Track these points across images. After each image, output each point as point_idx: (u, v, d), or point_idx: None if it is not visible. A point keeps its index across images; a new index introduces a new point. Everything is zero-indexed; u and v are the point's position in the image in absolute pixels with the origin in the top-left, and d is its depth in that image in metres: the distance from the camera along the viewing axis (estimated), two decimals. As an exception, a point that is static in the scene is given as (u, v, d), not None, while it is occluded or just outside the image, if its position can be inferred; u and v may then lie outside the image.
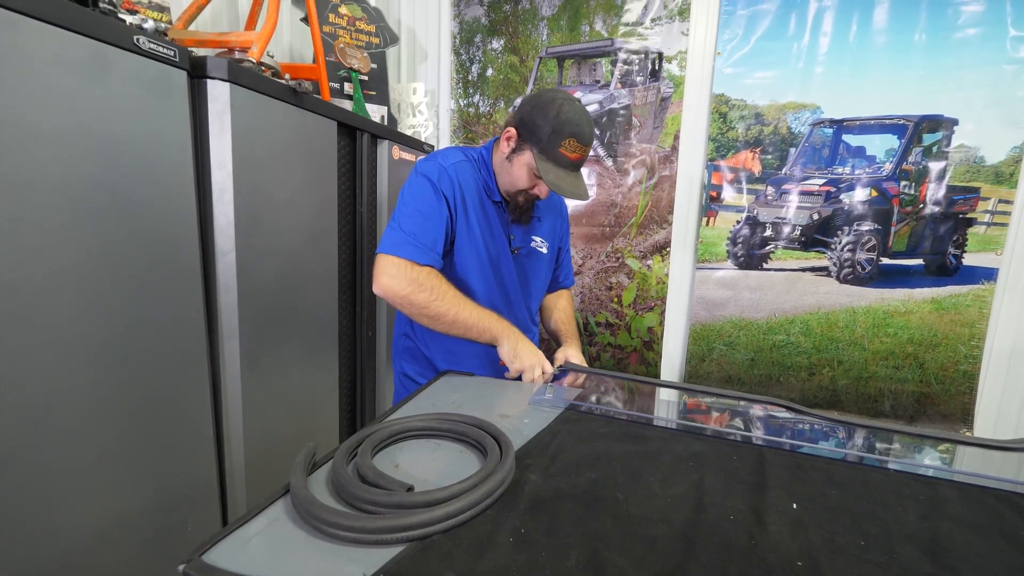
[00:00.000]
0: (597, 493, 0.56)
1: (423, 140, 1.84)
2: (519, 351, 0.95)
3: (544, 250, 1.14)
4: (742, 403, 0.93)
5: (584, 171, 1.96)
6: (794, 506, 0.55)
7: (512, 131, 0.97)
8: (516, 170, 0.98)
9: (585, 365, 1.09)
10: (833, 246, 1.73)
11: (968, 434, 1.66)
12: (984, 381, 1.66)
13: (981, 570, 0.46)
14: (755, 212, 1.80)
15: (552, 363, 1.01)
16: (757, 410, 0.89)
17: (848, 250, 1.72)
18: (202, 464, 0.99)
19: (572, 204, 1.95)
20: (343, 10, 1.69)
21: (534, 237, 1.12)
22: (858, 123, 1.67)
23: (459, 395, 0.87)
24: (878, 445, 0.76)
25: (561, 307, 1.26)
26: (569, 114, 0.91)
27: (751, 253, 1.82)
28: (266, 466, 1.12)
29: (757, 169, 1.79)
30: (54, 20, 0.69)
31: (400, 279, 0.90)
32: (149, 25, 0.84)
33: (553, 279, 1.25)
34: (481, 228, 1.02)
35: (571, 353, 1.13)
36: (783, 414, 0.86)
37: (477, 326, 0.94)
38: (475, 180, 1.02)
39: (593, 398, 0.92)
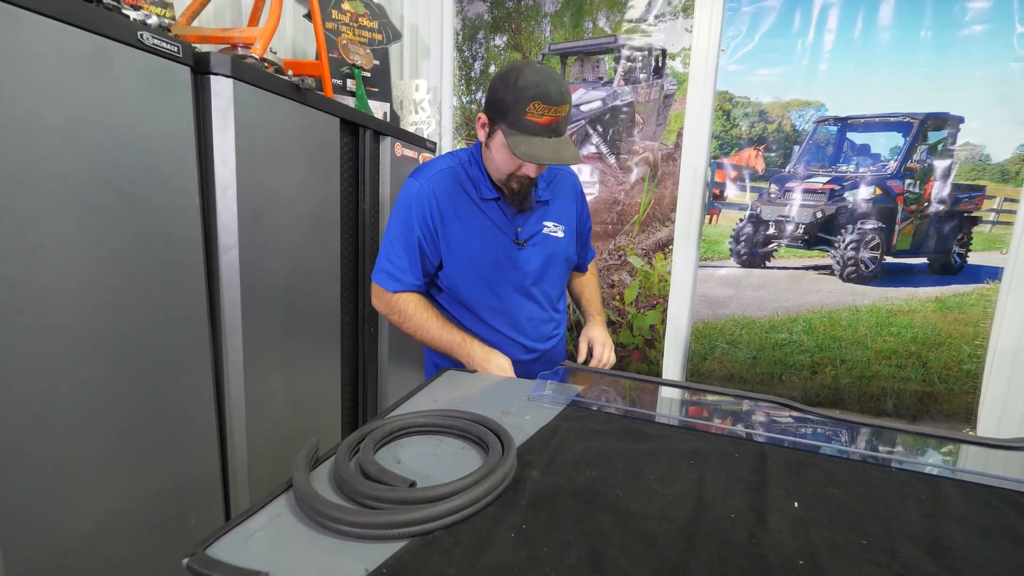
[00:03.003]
0: (597, 490, 0.56)
1: (425, 137, 1.84)
2: (482, 366, 1.01)
3: (561, 234, 1.10)
4: (743, 402, 0.93)
5: (586, 168, 1.96)
6: (795, 505, 0.55)
7: (482, 116, 0.94)
8: (496, 154, 0.94)
9: (605, 343, 1.17)
10: (836, 244, 1.73)
11: (971, 433, 1.66)
12: (988, 380, 1.65)
13: (983, 570, 0.46)
14: (758, 210, 1.79)
15: (576, 347, 1.18)
16: (758, 408, 0.89)
17: (851, 248, 1.71)
18: (205, 460, 1.00)
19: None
20: (346, 6, 1.69)
21: (546, 223, 1.08)
22: (863, 121, 1.66)
23: (461, 392, 0.88)
24: (880, 444, 0.76)
25: (583, 282, 1.29)
26: (529, 77, 0.85)
27: (754, 251, 1.81)
28: (268, 462, 1.12)
29: (760, 167, 1.78)
30: (58, 15, 0.69)
31: (379, 304, 1.07)
32: (153, 21, 0.84)
33: None
34: (474, 232, 1.02)
35: (594, 335, 1.18)
36: (784, 412, 0.85)
37: (442, 347, 1.03)
38: (458, 186, 1.01)
39: (594, 395, 0.92)
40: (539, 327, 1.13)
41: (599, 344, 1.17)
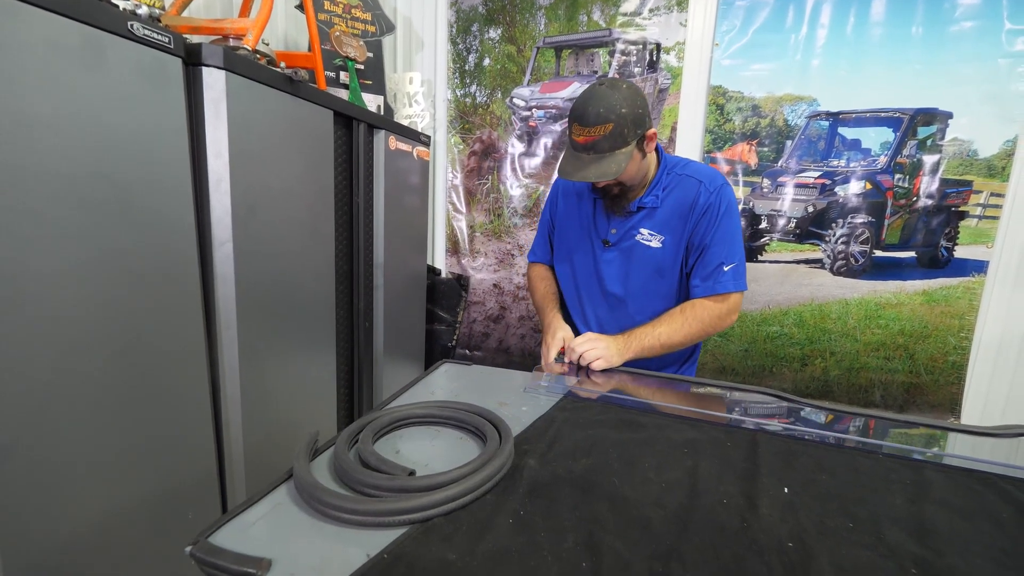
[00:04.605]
0: (593, 478, 0.57)
1: (419, 130, 1.83)
2: (546, 328, 1.14)
3: (656, 244, 1.05)
4: (735, 393, 0.94)
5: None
6: (785, 491, 0.56)
7: None
8: None
9: (578, 347, 0.99)
10: (827, 238, 1.75)
11: (955, 422, 1.69)
12: (972, 372, 1.69)
13: (964, 551, 0.48)
14: (751, 204, 1.81)
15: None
16: (750, 398, 0.91)
17: (842, 242, 1.74)
18: (201, 454, 1.00)
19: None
20: (338, -3, 1.67)
21: (640, 230, 1.06)
22: (854, 116, 1.68)
23: (459, 384, 0.88)
24: (867, 432, 0.78)
25: (671, 311, 1.06)
26: (579, 99, 0.94)
27: (746, 245, 1.83)
28: (265, 456, 1.13)
29: (753, 161, 1.79)
30: (47, 5, 0.68)
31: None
32: (143, 11, 0.83)
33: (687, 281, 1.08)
34: (575, 226, 1.16)
35: (578, 338, 1.02)
36: (776, 402, 0.87)
37: (537, 310, 1.24)
38: (584, 184, 1.12)
39: (589, 386, 0.94)
40: (605, 327, 1.14)
41: (572, 342, 1.02)
